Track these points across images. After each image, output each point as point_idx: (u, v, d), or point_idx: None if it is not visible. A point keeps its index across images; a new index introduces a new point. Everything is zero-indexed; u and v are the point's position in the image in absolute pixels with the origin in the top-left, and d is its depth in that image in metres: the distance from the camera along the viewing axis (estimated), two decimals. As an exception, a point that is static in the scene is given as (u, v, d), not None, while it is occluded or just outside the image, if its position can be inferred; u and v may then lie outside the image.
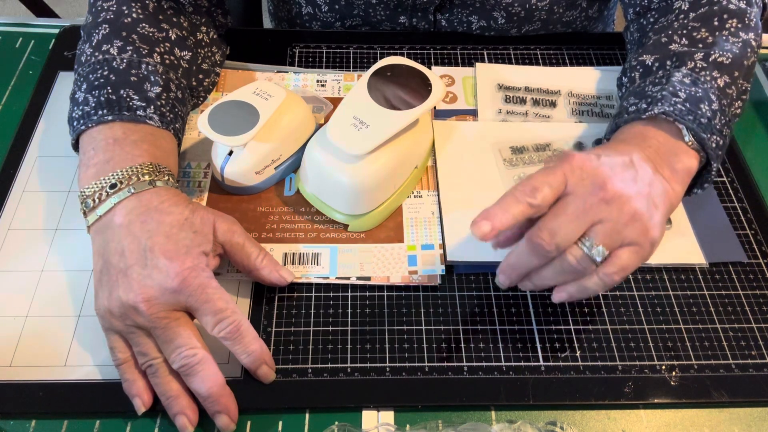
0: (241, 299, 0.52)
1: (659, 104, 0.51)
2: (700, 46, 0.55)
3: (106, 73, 0.53)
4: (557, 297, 0.47)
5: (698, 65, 0.54)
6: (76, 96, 0.53)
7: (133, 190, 0.48)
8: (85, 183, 0.49)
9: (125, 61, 0.54)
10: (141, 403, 0.46)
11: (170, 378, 0.46)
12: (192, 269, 0.46)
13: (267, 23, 1.04)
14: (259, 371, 0.47)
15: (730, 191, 0.61)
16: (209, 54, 0.63)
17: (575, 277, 0.45)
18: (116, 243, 0.46)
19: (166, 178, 0.50)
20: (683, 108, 0.50)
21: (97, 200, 0.48)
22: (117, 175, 0.48)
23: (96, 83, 0.53)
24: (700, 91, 0.52)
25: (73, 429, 0.47)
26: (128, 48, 0.55)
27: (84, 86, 0.53)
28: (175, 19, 0.60)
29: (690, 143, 0.50)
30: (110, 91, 0.52)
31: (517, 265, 0.47)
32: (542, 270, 0.46)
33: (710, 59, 0.54)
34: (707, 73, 0.53)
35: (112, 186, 0.48)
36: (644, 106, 0.52)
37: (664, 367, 0.50)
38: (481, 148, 0.62)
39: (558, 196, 0.44)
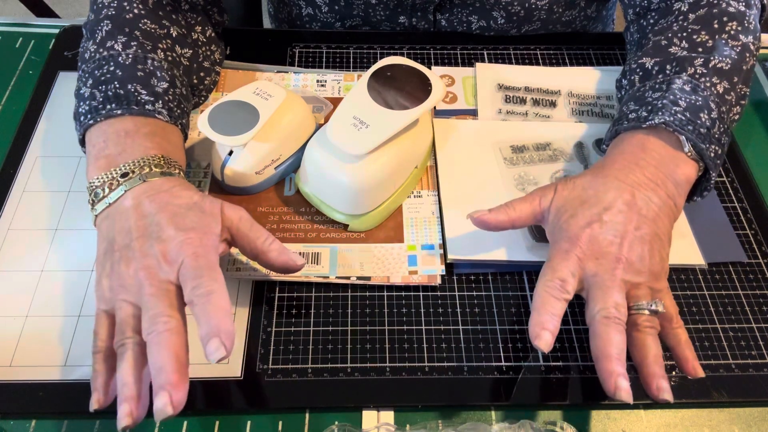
0: (241, 299, 0.52)
1: (659, 113, 0.51)
2: (700, 50, 0.55)
3: (112, 68, 0.53)
4: (664, 389, 0.45)
5: (698, 71, 0.54)
6: (82, 92, 0.53)
7: (144, 179, 0.47)
8: (95, 173, 0.48)
9: (131, 56, 0.54)
10: (96, 400, 0.43)
11: (133, 364, 0.42)
12: (198, 242, 0.45)
13: (267, 25, 1.04)
14: (209, 344, 0.41)
15: (730, 191, 0.61)
16: (208, 53, 0.63)
17: (655, 332, 0.46)
18: (123, 222, 0.46)
19: (177, 171, 0.50)
20: (683, 118, 0.51)
21: (107, 189, 0.47)
22: (129, 165, 0.48)
23: (102, 78, 0.52)
24: (700, 99, 0.52)
25: (73, 429, 0.47)
26: (132, 43, 0.55)
27: (90, 81, 0.53)
28: (173, 16, 0.60)
29: (689, 153, 0.50)
30: (117, 86, 0.52)
31: (615, 350, 0.44)
32: (641, 347, 0.46)
33: (710, 65, 0.54)
34: (707, 79, 0.53)
35: (124, 175, 0.47)
36: (644, 114, 0.52)
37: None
38: (482, 147, 0.62)
39: (581, 281, 0.47)
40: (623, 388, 0.42)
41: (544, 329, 0.44)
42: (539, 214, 0.51)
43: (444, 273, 0.54)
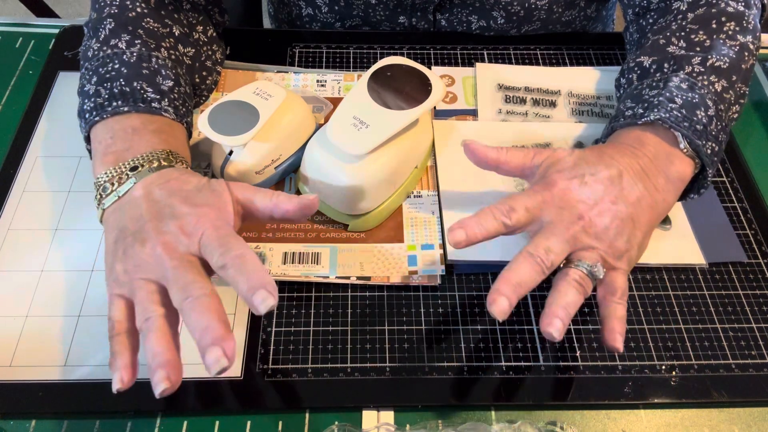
0: (240, 299, 0.52)
1: (655, 110, 0.51)
2: (698, 49, 0.55)
3: (117, 66, 0.53)
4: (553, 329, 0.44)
5: (696, 69, 0.54)
6: (86, 89, 0.53)
7: (154, 171, 0.47)
8: (103, 169, 0.48)
9: (135, 54, 0.54)
10: (120, 379, 0.41)
11: (163, 333, 0.42)
12: (215, 215, 0.45)
13: (267, 25, 1.04)
14: (256, 295, 0.41)
15: (730, 191, 0.61)
16: (210, 52, 0.63)
17: (582, 290, 0.45)
18: (134, 210, 0.46)
19: (184, 166, 0.50)
20: (679, 114, 0.51)
21: (116, 183, 0.47)
22: (138, 159, 0.48)
23: (107, 76, 0.52)
24: (696, 96, 0.52)
25: (73, 429, 0.47)
26: (136, 42, 0.55)
27: (94, 79, 0.53)
28: (176, 16, 0.60)
29: (685, 150, 0.50)
30: (123, 83, 0.52)
31: (515, 277, 0.44)
32: (563, 296, 0.45)
33: (707, 63, 0.54)
34: (704, 77, 0.53)
35: (133, 168, 0.47)
36: (640, 111, 0.52)
37: (664, 367, 0.50)
38: (481, 148, 0.62)
39: (532, 220, 0.47)
40: (499, 306, 0.43)
41: (462, 228, 0.45)
42: (528, 168, 0.51)
43: (444, 273, 0.54)
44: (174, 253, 0.43)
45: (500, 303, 0.43)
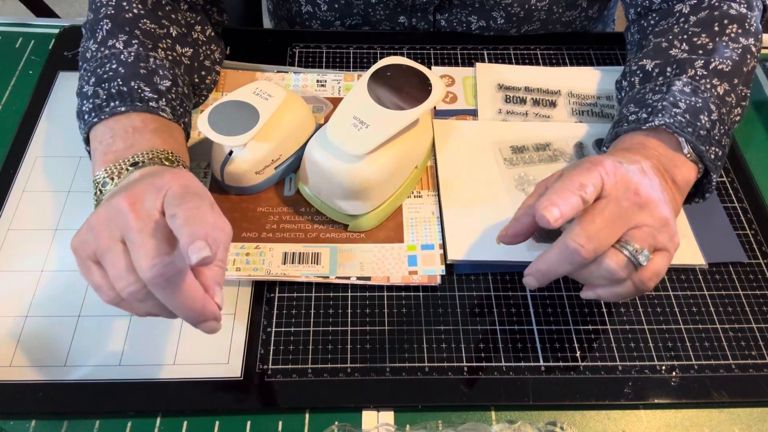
0: (241, 299, 0.52)
1: (659, 115, 0.51)
2: (700, 52, 0.55)
3: (114, 66, 0.53)
4: (587, 294, 0.46)
5: (698, 73, 0.54)
6: (84, 90, 0.53)
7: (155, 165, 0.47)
8: (103, 166, 0.48)
9: (132, 54, 0.54)
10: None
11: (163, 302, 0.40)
12: (191, 179, 0.43)
13: (267, 23, 1.04)
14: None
15: (730, 191, 0.61)
16: (208, 52, 0.63)
17: (610, 283, 0.44)
18: (121, 188, 0.45)
19: (184, 169, 0.50)
20: (683, 120, 0.50)
21: (116, 177, 0.46)
22: (139, 156, 0.47)
23: (105, 76, 0.52)
24: (700, 101, 0.52)
25: (73, 429, 0.47)
26: (134, 42, 0.55)
27: (92, 80, 0.53)
28: (173, 16, 0.60)
29: (689, 155, 0.50)
30: (120, 83, 0.52)
31: (548, 272, 0.44)
32: (577, 274, 0.44)
33: (710, 67, 0.54)
34: (707, 81, 0.53)
35: (134, 164, 0.47)
36: (644, 116, 0.52)
37: (664, 367, 0.50)
38: (482, 148, 0.62)
39: (597, 196, 0.43)
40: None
41: (554, 205, 0.41)
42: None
43: (444, 273, 0.54)
44: (138, 206, 0.40)
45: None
